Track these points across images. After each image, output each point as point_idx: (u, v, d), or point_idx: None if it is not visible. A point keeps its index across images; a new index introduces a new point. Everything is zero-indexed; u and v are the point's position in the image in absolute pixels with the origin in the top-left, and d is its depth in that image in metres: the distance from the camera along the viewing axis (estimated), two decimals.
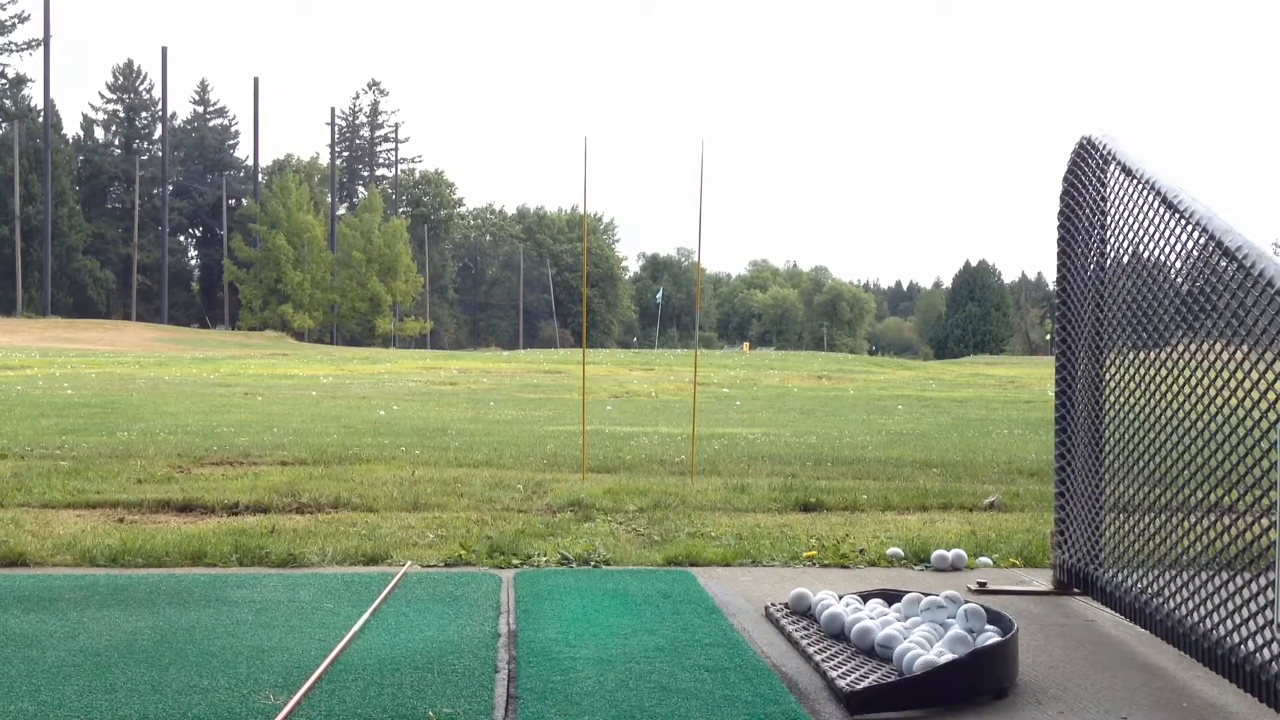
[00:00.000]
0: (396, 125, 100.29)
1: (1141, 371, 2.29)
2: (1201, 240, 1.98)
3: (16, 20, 68.68)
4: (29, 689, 1.79)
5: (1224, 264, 1.89)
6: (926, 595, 2.28)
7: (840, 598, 2.40)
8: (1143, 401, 2.27)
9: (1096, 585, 2.53)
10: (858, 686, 1.86)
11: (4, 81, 71.38)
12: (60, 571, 2.90)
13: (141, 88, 75.70)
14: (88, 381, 17.94)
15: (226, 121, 79.19)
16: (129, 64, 75.53)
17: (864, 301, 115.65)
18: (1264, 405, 1.77)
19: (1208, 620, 1.95)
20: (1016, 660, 1.99)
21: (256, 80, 76.46)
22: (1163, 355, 2.18)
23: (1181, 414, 2.08)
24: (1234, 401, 1.88)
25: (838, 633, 2.23)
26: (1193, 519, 2.03)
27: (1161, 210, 2.16)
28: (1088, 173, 2.61)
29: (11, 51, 69.18)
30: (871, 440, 8.79)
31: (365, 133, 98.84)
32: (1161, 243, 2.17)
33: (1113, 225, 2.48)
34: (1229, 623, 1.87)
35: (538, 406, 15.41)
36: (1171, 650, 2.13)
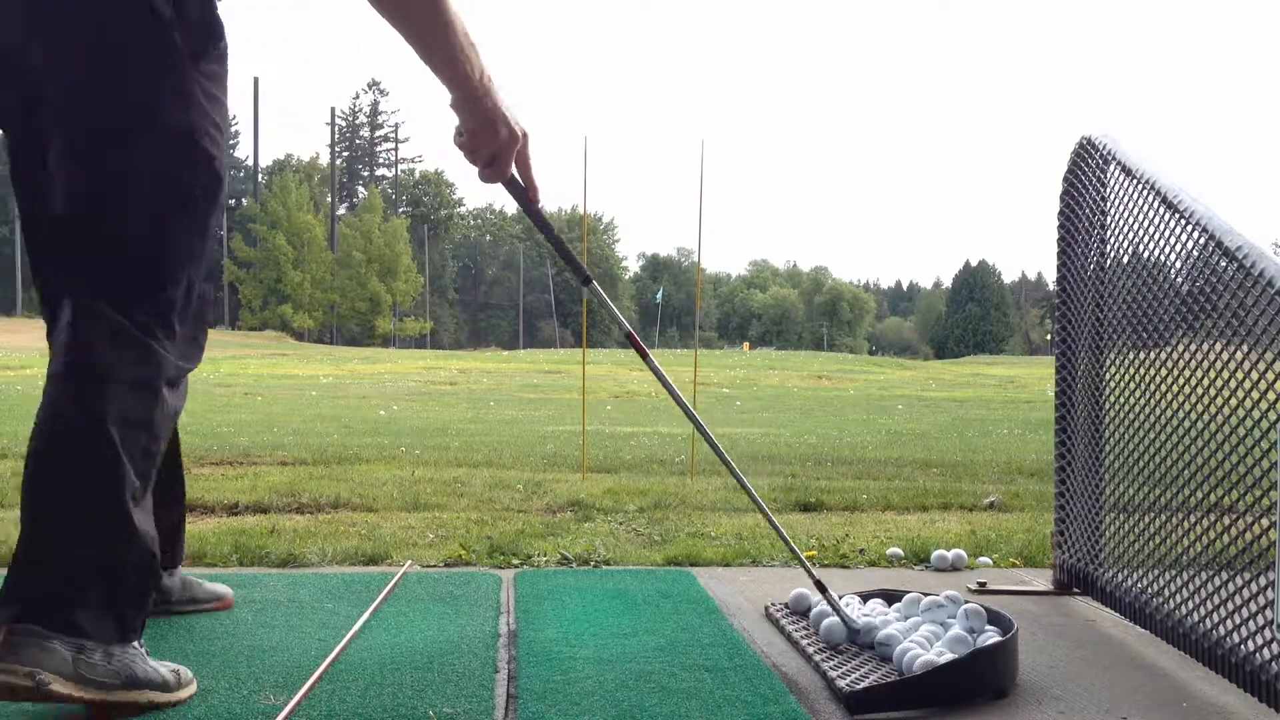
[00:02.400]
0: (396, 125, 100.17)
1: (1141, 371, 2.29)
2: (1201, 240, 1.97)
3: None
4: None
5: (1224, 264, 1.89)
6: (926, 595, 2.28)
7: (840, 597, 2.40)
8: (1143, 401, 2.27)
9: (1096, 585, 2.53)
10: (858, 686, 1.86)
11: None
12: None
13: None
14: None
15: None
16: None
17: (864, 301, 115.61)
18: (1264, 405, 1.77)
19: (1208, 620, 1.95)
20: (1016, 660, 1.99)
21: (256, 80, 76.54)
22: (1163, 355, 2.18)
23: (1181, 414, 2.08)
24: (1234, 401, 1.88)
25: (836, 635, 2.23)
26: (1193, 519, 2.02)
27: (1161, 210, 2.16)
28: (1088, 173, 2.61)
29: None
30: (871, 440, 8.80)
31: (365, 133, 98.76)
32: (1161, 243, 2.17)
33: (1113, 225, 2.47)
34: (1229, 623, 1.86)
35: (538, 406, 15.40)
36: (1172, 650, 2.13)
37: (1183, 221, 2.06)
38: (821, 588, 2.24)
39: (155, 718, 1.66)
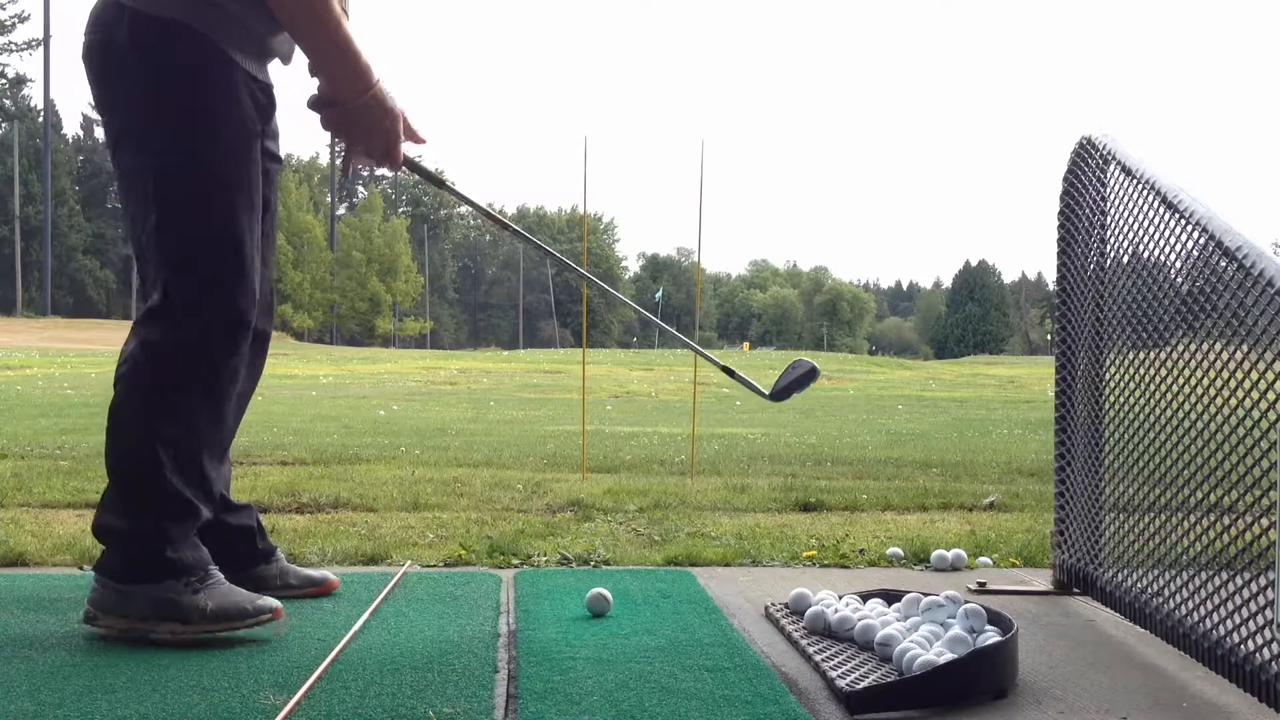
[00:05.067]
0: None
1: (1141, 371, 2.29)
2: (1201, 240, 1.97)
3: (16, 20, 68.64)
4: (29, 689, 1.79)
5: (1224, 264, 1.89)
6: (926, 595, 2.28)
7: (840, 597, 2.40)
8: (1143, 401, 2.27)
9: (1096, 585, 2.53)
10: (858, 686, 1.86)
11: (4, 81, 71.24)
12: (60, 571, 2.90)
13: None
14: (88, 381, 17.94)
15: None
16: None
17: (864, 301, 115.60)
18: (1264, 405, 1.77)
19: (1208, 620, 1.95)
20: (1016, 660, 1.99)
21: None
22: (1163, 355, 2.18)
23: (1181, 414, 2.08)
24: (1234, 401, 1.88)
25: (823, 630, 2.24)
26: (1193, 519, 2.02)
27: (1161, 210, 2.16)
28: (1088, 173, 2.61)
29: (11, 51, 69.13)
30: (871, 440, 8.80)
31: None
32: (1161, 243, 2.17)
33: (1113, 225, 2.47)
34: (1229, 623, 1.86)
35: (538, 406, 15.41)
36: (1171, 650, 2.13)
37: (1183, 221, 2.06)
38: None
39: (153, 716, 1.66)
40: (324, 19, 2.08)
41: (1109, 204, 2.50)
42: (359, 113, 2.17)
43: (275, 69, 2.36)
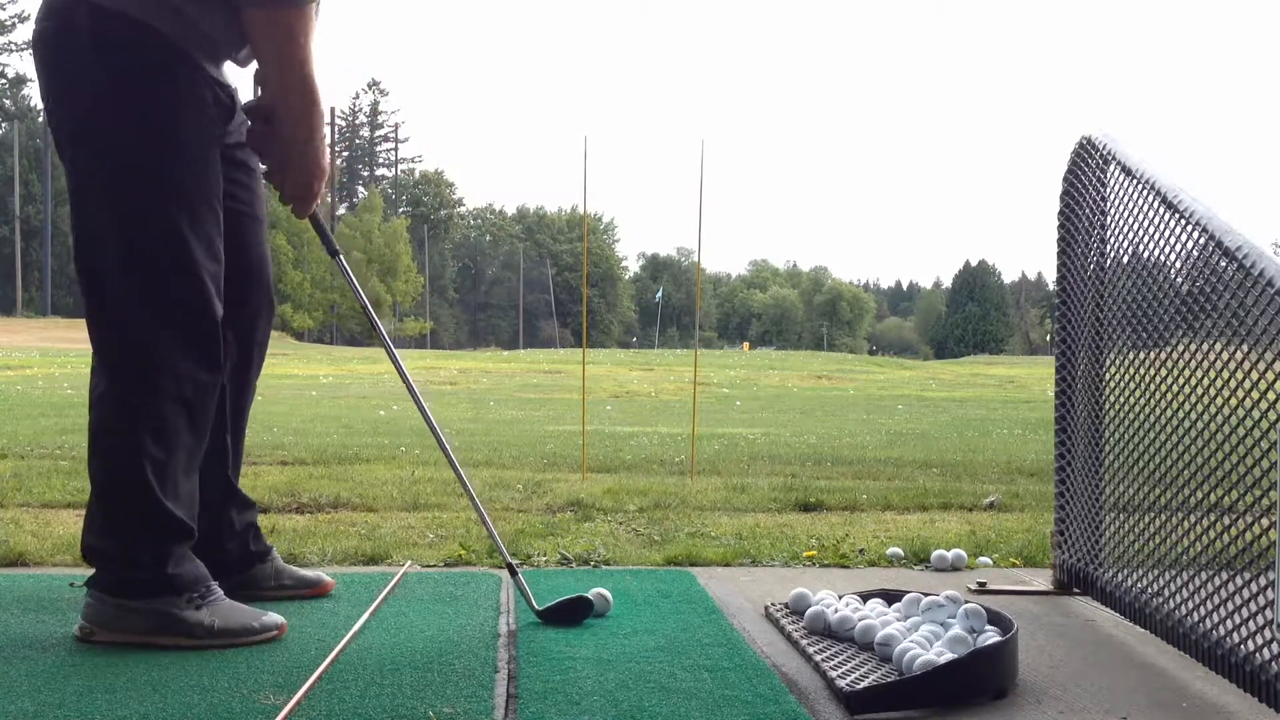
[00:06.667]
0: (396, 125, 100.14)
1: (1141, 371, 2.29)
2: (1201, 240, 1.97)
3: (16, 20, 68.62)
4: (29, 689, 1.79)
5: (1224, 264, 1.89)
6: (926, 595, 2.28)
7: (840, 597, 2.40)
8: (1143, 401, 2.27)
9: (1096, 585, 2.53)
10: (858, 686, 1.86)
11: (4, 81, 71.26)
12: (60, 571, 2.90)
13: None
14: (88, 381, 17.93)
15: None
16: None
17: (864, 301, 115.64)
18: (1264, 405, 1.77)
19: (1208, 620, 1.95)
20: (1016, 660, 1.99)
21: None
22: (1163, 355, 2.18)
23: (1181, 414, 2.08)
24: (1234, 401, 1.88)
25: (823, 630, 2.24)
26: (1193, 519, 2.02)
27: (1161, 210, 2.16)
28: (1088, 173, 2.61)
29: (11, 51, 69.17)
30: (871, 440, 8.79)
31: (365, 133, 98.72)
32: (1161, 243, 2.17)
33: (1113, 225, 2.47)
34: (1229, 623, 1.86)
35: (538, 406, 15.42)
36: (1172, 650, 2.13)
37: (1183, 221, 2.06)
38: (512, 570, 2.42)
39: (153, 716, 1.66)
40: (301, 59, 2.07)
41: (1109, 204, 2.50)
42: (293, 153, 2.17)
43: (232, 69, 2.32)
